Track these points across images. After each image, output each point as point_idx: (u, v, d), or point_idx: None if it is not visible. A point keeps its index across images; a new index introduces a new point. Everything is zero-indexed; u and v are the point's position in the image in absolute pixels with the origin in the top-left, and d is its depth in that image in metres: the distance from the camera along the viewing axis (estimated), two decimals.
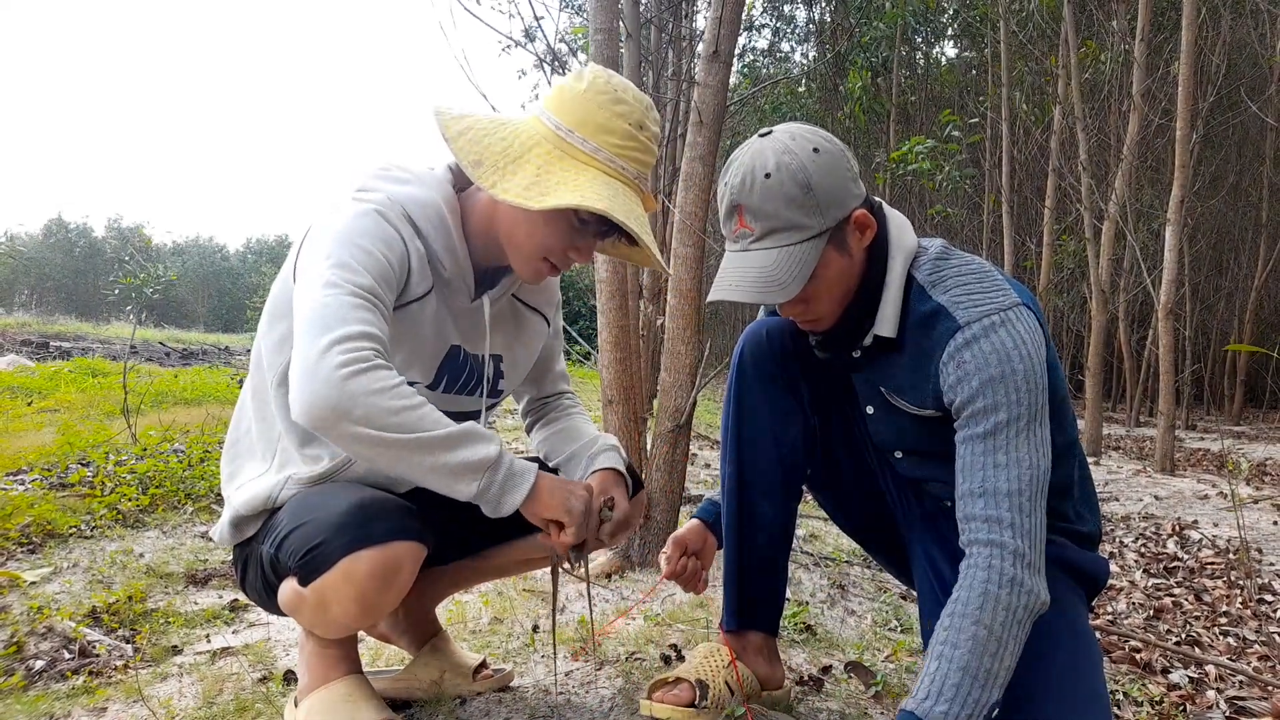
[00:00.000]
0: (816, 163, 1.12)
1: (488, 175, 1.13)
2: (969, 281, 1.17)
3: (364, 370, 1.00)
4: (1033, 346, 1.11)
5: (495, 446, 1.09)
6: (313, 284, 1.06)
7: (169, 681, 1.54)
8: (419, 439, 1.02)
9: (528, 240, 1.19)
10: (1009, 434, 1.09)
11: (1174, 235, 6.31)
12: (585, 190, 1.11)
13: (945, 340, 1.14)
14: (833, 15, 14.29)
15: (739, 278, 1.13)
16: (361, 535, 1.06)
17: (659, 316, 4.18)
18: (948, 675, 1.02)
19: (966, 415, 1.12)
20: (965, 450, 1.12)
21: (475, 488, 1.07)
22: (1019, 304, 1.14)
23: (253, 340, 1.36)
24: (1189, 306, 12.42)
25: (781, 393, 1.37)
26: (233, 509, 1.23)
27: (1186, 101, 6.16)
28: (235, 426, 1.30)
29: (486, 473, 1.07)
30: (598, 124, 1.15)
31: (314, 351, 1.00)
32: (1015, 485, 1.08)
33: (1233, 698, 1.86)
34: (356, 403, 0.98)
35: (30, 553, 2.23)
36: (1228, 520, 4.18)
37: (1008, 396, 1.09)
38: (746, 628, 1.47)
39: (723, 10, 2.33)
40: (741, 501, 1.41)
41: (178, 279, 4.57)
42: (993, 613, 1.04)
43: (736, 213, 1.15)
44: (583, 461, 1.39)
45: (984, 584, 1.05)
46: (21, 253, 49.54)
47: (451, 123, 1.16)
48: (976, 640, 1.03)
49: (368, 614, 1.12)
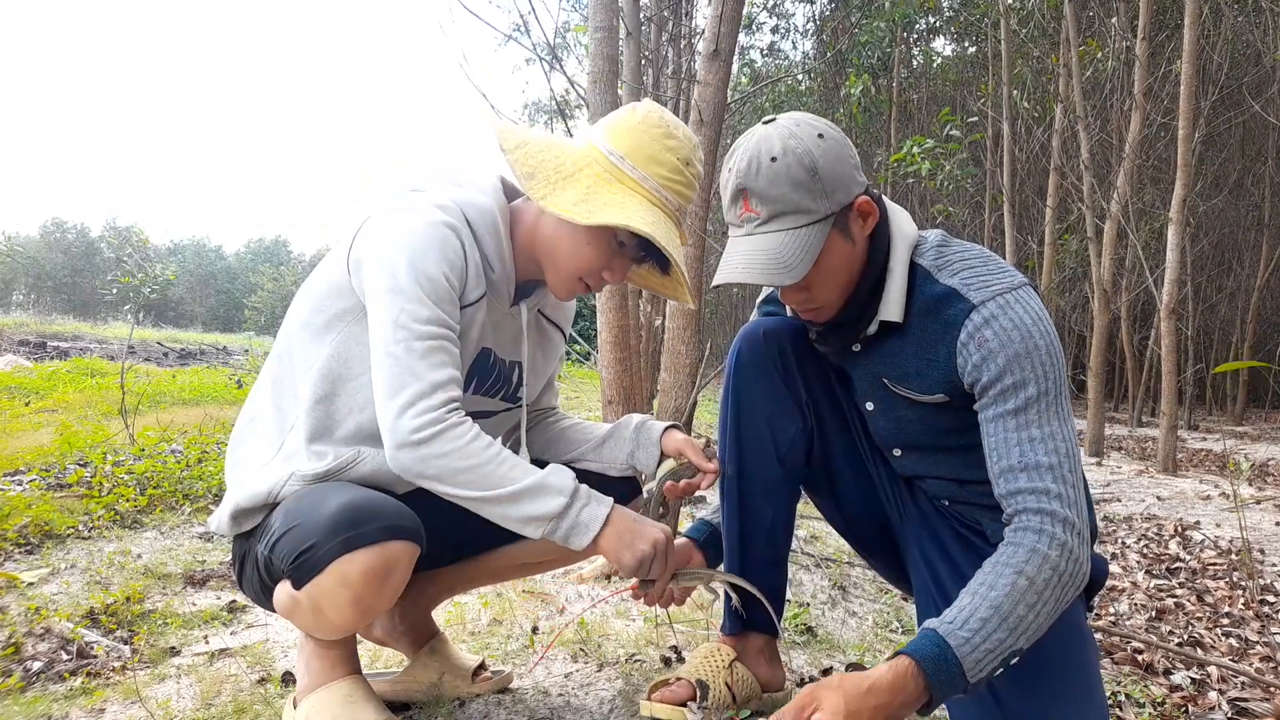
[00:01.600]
0: (822, 147, 1.12)
1: (539, 188, 1.17)
2: (975, 265, 1.18)
3: (436, 435, 1.09)
4: (1048, 323, 1.13)
5: (561, 500, 1.13)
6: (383, 322, 1.12)
7: (167, 683, 1.53)
8: (486, 496, 1.11)
9: (568, 257, 1.23)
10: (1039, 408, 1.10)
11: (1176, 234, 6.30)
12: (631, 213, 1.16)
13: (960, 321, 1.14)
14: (832, 13, 14.29)
15: (747, 260, 1.13)
16: (354, 536, 1.06)
17: (659, 316, 4.17)
18: (977, 609, 1.03)
19: (994, 393, 1.12)
20: (996, 428, 1.12)
21: (542, 533, 1.14)
22: (1026, 284, 1.16)
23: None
24: (1191, 306, 12.42)
25: (779, 391, 1.36)
26: (234, 500, 1.22)
27: (1189, 100, 6.16)
28: (247, 412, 1.30)
29: (554, 521, 1.13)
30: (648, 154, 1.20)
31: (390, 415, 1.10)
32: (1054, 459, 1.08)
33: (1235, 699, 1.85)
34: (429, 465, 1.09)
35: (28, 553, 2.22)
36: (1230, 521, 4.17)
37: (1035, 371, 1.09)
38: (748, 629, 1.46)
39: (723, 9, 2.33)
40: (742, 501, 1.40)
41: (175, 279, 4.56)
42: (1038, 568, 1.04)
43: (742, 197, 1.14)
44: (628, 433, 1.43)
45: (1034, 544, 1.06)
46: (19, 252, 49.60)
47: (509, 136, 1.21)
48: (1015, 588, 1.03)
49: (363, 615, 1.12)
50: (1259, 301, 13.56)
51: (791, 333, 1.37)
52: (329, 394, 1.20)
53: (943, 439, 1.26)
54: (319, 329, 1.21)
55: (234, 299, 60.79)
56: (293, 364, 1.23)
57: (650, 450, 1.41)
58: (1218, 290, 14.83)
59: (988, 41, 10.63)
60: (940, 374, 1.18)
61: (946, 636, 1.01)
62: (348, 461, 1.19)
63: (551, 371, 1.51)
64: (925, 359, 1.19)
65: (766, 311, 1.49)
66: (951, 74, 14.20)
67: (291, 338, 1.24)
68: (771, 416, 1.36)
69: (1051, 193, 9.05)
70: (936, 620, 1.04)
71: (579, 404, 7.32)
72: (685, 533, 1.51)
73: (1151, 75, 7.83)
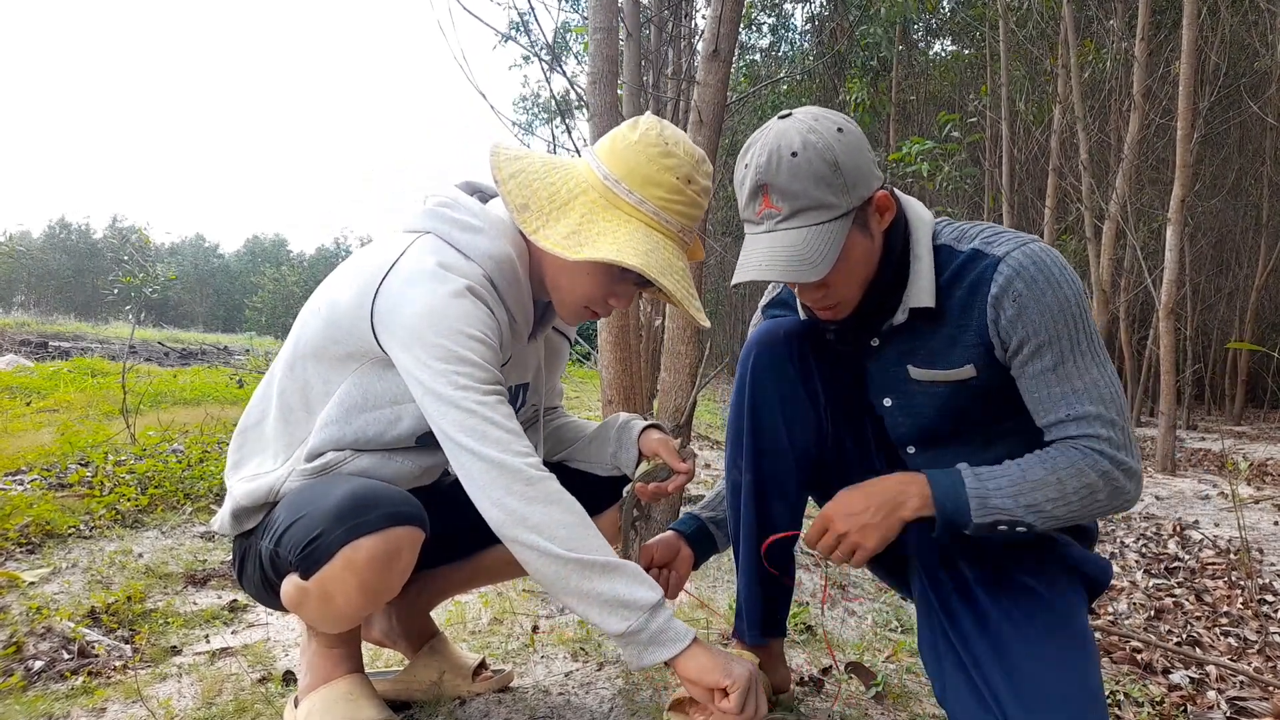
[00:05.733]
0: (842, 142, 1.11)
1: (532, 220, 1.15)
2: (993, 228, 1.20)
3: (547, 477, 1.08)
4: (1071, 270, 1.14)
5: (656, 594, 1.08)
6: (443, 386, 1.07)
7: (168, 682, 1.53)
8: (583, 560, 1.06)
9: (570, 288, 1.22)
10: (1076, 360, 1.12)
11: (1175, 235, 6.31)
12: (623, 244, 1.13)
13: (989, 275, 1.14)
14: (831, 14, 14.29)
15: (768, 257, 1.11)
16: (359, 524, 1.06)
17: (659, 316, 4.17)
18: (1006, 473, 1.11)
19: (1030, 350, 1.13)
20: (1036, 384, 1.14)
21: (626, 626, 1.06)
22: (1040, 240, 1.17)
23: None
24: (1190, 306, 12.43)
25: (797, 396, 1.34)
26: (234, 500, 1.22)
27: (1187, 100, 6.16)
28: (251, 415, 1.29)
29: (643, 615, 1.06)
30: (645, 176, 1.16)
31: (488, 468, 1.06)
32: (1099, 407, 1.12)
33: (1234, 698, 1.86)
34: (534, 510, 1.06)
35: (29, 553, 2.23)
36: (1228, 520, 4.18)
37: (1068, 324, 1.11)
38: (770, 636, 1.46)
39: (722, 9, 2.33)
40: (759, 508, 1.38)
41: (176, 278, 4.57)
42: (1070, 473, 1.10)
43: (762, 192, 1.12)
44: (612, 432, 1.42)
45: (1075, 458, 1.11)
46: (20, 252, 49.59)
47: (505, 164, 1.18)
48: (1044, 482, 1.10)
49: (372, 601, 1.13)
50: (1257, 301, 13.56)
51: (808, 334, 1.34)
52: (342, 418, 1.18)
53: (960, 425, 1.25)
54: (339, 357, 1.18)
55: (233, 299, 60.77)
56: (306, 380, 1.21)
57: (630, 450, 1.40)
58: (1216, 290, 14.83)
59: (986, 42, 10.64)
60: (972, 339, 1.17)
61: (963, 473, 1.10)
62: (345, 456, 1.19)
63: (556, 375, 1.51)
64: (957, 327, 1.19)
65: (773, 315, 1.45)
66: (950, 75, 14.20)
67: (305, 356, 1.21)
68: (789, 422, 1.34)
69: (1050, 193, 9.05)
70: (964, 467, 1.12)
71: (579, 404, 7.32)
72: (673, 526, 1.51)
73: (1150, 76, 7.83)
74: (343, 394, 1.18)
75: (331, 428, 1.18)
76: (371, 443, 1.19)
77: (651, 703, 1.49)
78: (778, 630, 1.47)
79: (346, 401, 1.18)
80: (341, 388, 1.18)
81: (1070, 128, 8.74)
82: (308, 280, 54.23)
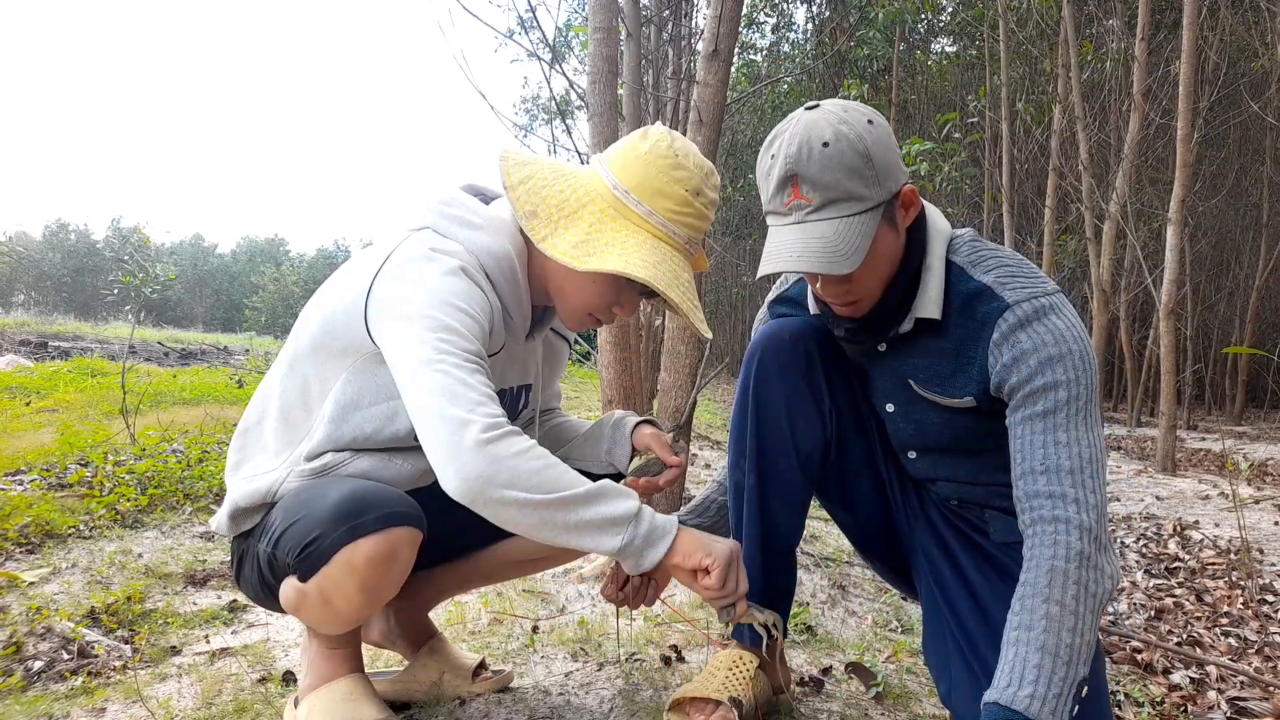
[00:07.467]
0: (873, 134, 1.09)
1: (540, 228, 1.16)
2: (1009, 265, 1.17)
3: (501, 437, 1.02)
4: (1083, 331, 1.12)
5: (635, 502, 1.09)
6: (422, 350, 1.05)
7: (168, 682, 1.53)
8: (562, 497, 1.04)
9: (575, 295, 1.23)
10: (1068, 412, 1.09)
11: (1175, 235, 6.31)
12: (631, 255, 1.13)
13: (993, 320, 1.13)
14: (831, 14, 14.29)
15: (800, 249, 1.08)
16: (357, 525, 1.06)
17: (659, 316, 4.17)
18: (1027, 658, 0.99)
19: (1024, 395, 1.11)
20: (1023, 430, 1.11)
21: (619, 541, 1.06)
22: (1059, 292, 1.15)
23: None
24: (1190, 306, 12.42)
25: (803, 396, 1.33)
26: (232, 500, 1.22)
27: (1187, 100, 6.16)
28: (251, 415, 1.28)
29: (630, 525, 1.07)
30: (654, 188, 1.16)
31: (451, 427, 1.01)
32: (1077, 463, 1.07)
33: (1234, 698, 1.86)
34: (501, 467, 1.01)
35: (29, 553, 2.23)
36: (1229, 520, 4.18)
37: (1066, 375, 1.09)
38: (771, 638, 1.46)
39: (722, 9, 2.33)
40: (764, 509, 1.37)
41: (175, 278, 4.56)
42: (1063, 588, 1.02)
43: (791, 183, 1.09)
44: (606, 429, 1.43)
45: (1050, 560, 1.04)
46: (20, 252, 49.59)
47: (514, 170, 1.18)
48: (1050, 618, 1.00)
49: (371, 602, 1.13)
50: (1258, 301, 13.55)
51: (816, 334, 1.34)
52: (338, 416, 1.18)
53: (962, 441, 1.25)
54: (334, 353, 1.18)
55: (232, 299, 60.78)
56: (305, 379, 1.21)
57: (623, 446, 1.41)
58: (1216, 290, 14.83)
59: (986, 43, 10.64)
60: (975, 375, 1.17)
61: (1011, 704, 0.96)
62: (345, 458, 1.19)
63: (556, 378, 1.51)
64: (961, 358, 1.18)
65: (779, 313, 1.44)
66: (950, 75, 14.20)
67: (303, 355, 1.21)
68: (794, 423, 1.33)
69: (1050, 193, 9.05)
70: (994, 691, 0.99)
71: (579, 404, 7.33)
72: None
73: (1150, 76, 7.83)
74: (338, 392, 1.18)
75: (328, 426, 1.18)
76: (369, 441, 1.19)
77: (651, 703, 1.49)
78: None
79: (342, 399, 1.18)
80: (337, 385, 1.18)
81: (1070, 128, 8.74)
82: (308, 280, 54.24)
